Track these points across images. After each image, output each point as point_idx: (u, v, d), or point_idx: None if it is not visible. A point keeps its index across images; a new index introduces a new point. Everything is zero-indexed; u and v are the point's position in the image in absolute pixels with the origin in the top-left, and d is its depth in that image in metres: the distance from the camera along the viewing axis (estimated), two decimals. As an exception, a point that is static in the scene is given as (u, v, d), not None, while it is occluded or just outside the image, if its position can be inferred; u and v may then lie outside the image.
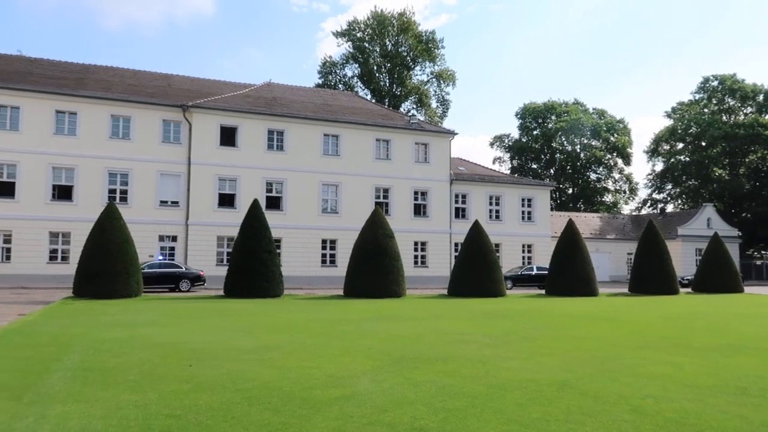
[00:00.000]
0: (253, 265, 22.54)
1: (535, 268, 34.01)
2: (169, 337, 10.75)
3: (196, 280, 27.13)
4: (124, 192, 31.13)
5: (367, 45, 61.88)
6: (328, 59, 63.50)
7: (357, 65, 62.27)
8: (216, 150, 32.80)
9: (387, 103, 58.83)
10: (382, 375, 7.51)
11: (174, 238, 31.93)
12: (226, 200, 33.09)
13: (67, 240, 29.71)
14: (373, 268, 23.72)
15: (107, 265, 20.61)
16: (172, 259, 29.96)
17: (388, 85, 62.46)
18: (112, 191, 30.86)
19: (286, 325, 13.27)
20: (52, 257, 29.69)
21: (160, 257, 28.50)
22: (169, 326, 12.64)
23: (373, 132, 36.49)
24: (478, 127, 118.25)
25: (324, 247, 34.71)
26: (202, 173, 32.34)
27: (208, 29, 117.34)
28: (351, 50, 62.11)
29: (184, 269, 27.04)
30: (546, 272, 30.44)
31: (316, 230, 34.40)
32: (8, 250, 29.07)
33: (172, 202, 32.12)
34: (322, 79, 62.26)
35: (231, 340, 10.57)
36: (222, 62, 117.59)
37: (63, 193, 30.51)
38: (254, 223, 23.38)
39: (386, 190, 36.49)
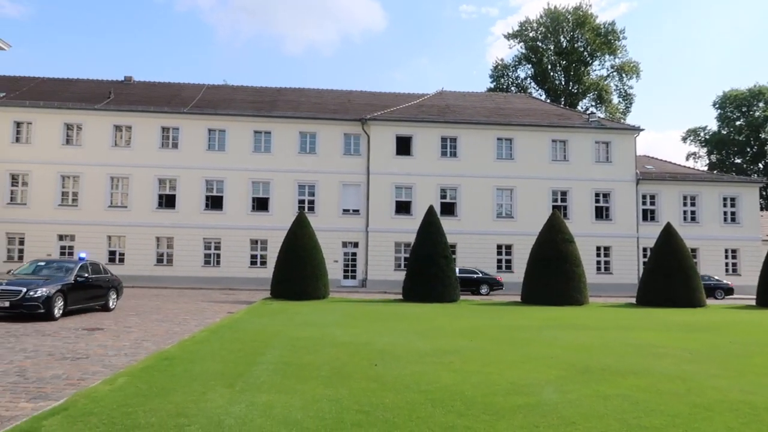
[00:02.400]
0: (429, 270, 23.05)
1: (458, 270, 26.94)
2: (355, 337, 11.39)
3: (120, 291, 18.35)
4: (311, 202, 33.79)
5: (540, 44, 60.03)
6: (500, 62, 62.76)
7: (530, 66, 60.67)
8: (392, 159, 34.16)
9: (563, 103, 56.42)
10: (568, 385, 7.17)
11: (356, 245, 33.85)
12: (403, 207, 34.23)
13: (265, 246, 33.01)
14: (552, 274, 22.86)
15: (299, 270, 22.60)
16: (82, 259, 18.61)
17: (563, 83, 59.89)
18: (301, 201, 33.68)
19: (464, 329, 13.30)
20: (253, 262, 33.18)
21: (83, 255, 18.77)
22: (354, 327, 13.39)
23: (548, 133, 35.24)
24: (666, 122, 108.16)
25: (500, 253, 34.23)
26: (379, 182, 33.89)
27: (380, 44, 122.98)
28: (523, 51, 60.72)
29: (110, 276, 18.10)
30: (473, 275, 29.64)
31: (491, 235, 34.07)
32: (218, 256, 33.12)
33: (354, 210, 34.11)
34: (494, 83, 61.65)
35: (411, 342, 10.88)
36: (394, 74, 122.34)
37: (260, 204, 33.97)
38: (430, 229, 23.90)
39: (564, 193, 34.94)
